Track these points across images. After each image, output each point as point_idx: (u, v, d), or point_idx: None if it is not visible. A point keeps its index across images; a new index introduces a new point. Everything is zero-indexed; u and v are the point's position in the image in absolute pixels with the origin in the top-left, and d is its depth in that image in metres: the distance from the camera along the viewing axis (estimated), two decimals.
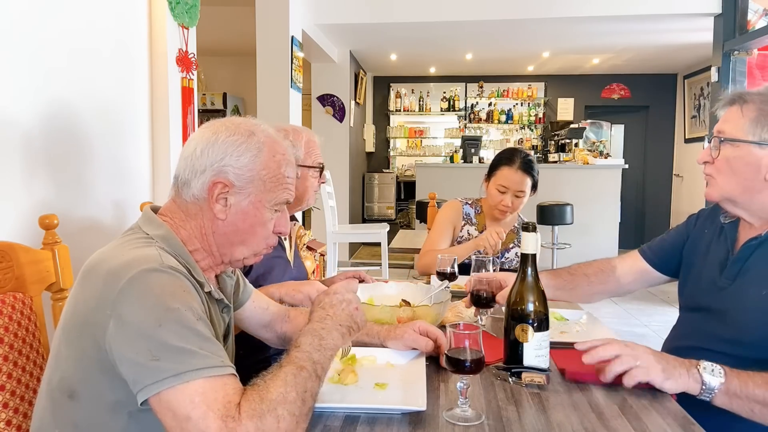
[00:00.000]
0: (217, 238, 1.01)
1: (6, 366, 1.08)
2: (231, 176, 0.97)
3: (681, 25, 5.39)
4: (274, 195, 1.02)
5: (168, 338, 0.80)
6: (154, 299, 0.83)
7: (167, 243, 0.96)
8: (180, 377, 0.79)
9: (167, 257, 0.91)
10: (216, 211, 0.98)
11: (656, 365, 1.08)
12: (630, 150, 7.86)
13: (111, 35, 2.11)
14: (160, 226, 0.99)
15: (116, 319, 0.82)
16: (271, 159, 1.01)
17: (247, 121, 1.04)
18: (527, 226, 1.18)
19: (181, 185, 1.00)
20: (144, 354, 0.80)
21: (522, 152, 2.25)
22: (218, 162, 0.97)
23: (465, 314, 1.56)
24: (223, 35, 6.36)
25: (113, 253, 0.91)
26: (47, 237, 1.30)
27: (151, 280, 0.85)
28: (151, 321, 0.81)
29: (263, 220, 1.02)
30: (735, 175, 1.24)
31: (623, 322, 4.49)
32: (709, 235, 1.41)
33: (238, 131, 1.00)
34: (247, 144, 0.99)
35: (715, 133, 1.28)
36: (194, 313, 0.85)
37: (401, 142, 8.91)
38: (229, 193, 0.98)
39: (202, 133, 1.01)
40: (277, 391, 0.82)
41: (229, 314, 1.11)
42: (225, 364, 0.83)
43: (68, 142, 1.88)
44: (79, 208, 1.94)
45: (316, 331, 0.96)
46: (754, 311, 1.23)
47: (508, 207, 2.19)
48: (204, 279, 0.99)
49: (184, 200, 1.00)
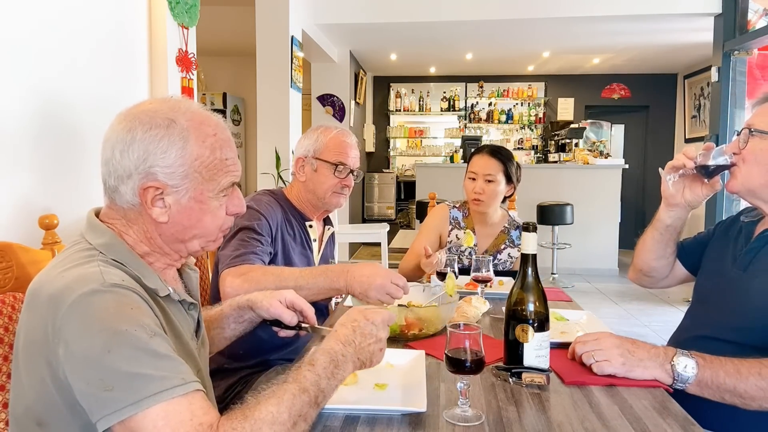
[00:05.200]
0: (165, 239, 0.93)
1: (6, 366, 1.08)
2: (161, 177, 0.88)
3: (681, 25, 5.39)
4: (216, 182, 0.93)
5: (119, 364, 0.74)
6: (99, 324, 0.76)
7: (112, 251, 0.89)
8: (137, 405, 0.74)
9: (110, 273, 0.83)
10: (155, 216, 0.90)
11: (618, 359, 1.15)
12: (630, 150, 7.86)
13: (111, 35, 2.11)
14: (103, 233, 0.91)
15: (63, 346, 0.76)
16: (202, 145, 0.90)
17: (164, 104, 0.91)
18: (527, 226, 1.18)
19: (111, 192, 0.91)
20: (96, 384, 0.74)
21: (492, 144, 2.36)
22: (142, 164, 0.87)
23: (470, 314, 1.56)
24: (223, 35, 6.35)
25: (53, 274, 0.84)
26: (47, 237, 1.30)
27: (94, 303, 0.78)
28: (98, 348, 0.75)
29: (210, 210, 0.93)
30: (759, 166, 1.26)
31: (623, 322, 4.49)
32: (729, 237, 1.45)
33: (155, 122, 0.88)
34: (169, 137, 0.88)
35: (745, 125, 1.30)
36: (146, 330, 0.78)
37: (401, 142, 8.91)
38: (164, 194, 0.89)
39: (116, 131, 0.90)
40: (267, 410, 0.78)
41: (196, 310, 1.02)
42: (186, 381, 0.78)
43: (68, 142, 1.88)
44: (79, 208, 1.93)
45: (336, 354, 0.90)
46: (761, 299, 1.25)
47: (478, 193, 2.20)
48: (160, 283, 0.91)
49: (120, 207, 0.92)
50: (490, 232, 2.31)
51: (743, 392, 1.10)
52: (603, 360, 1.16)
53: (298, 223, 1.75)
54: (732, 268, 1.35)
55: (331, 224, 1.93)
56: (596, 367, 1.17)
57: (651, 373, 1.14)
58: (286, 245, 1.66)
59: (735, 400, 1.11)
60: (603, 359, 1.17)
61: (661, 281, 1.61)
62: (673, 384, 1.13)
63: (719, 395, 1.12)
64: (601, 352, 1.18)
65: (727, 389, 1.11)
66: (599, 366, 1.16)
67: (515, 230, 2.30)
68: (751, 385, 1.09)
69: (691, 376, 1.12)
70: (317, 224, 1.83)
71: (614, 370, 1.15)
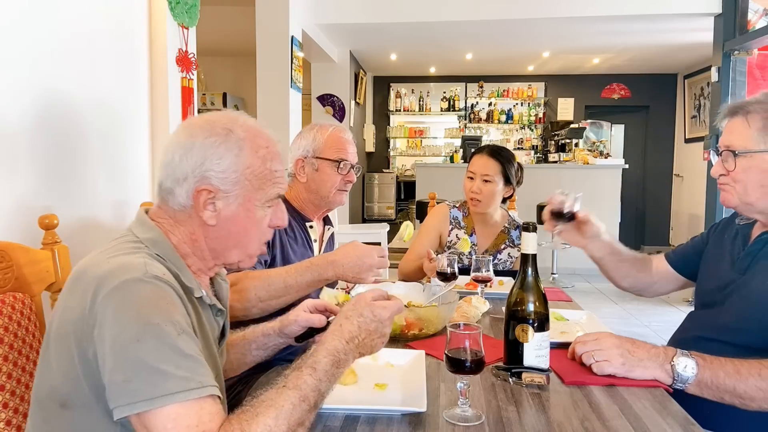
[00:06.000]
0: (209, 243, 0.98)
1: (6, 366, 1.08)
2: (215, 181, 0.94)
3: (681, 25, 5.39)
4: (264, 192, 0.98)
5: (145, 355, 0.77)
6: (134, 312, 0.79)
7: (157, 247, 0.93)
8: (153, 402, 0.75)
9: (153, 265, 0.87)
10: (205, 218, 0.95)
11: (617, 359, 1.16)
12: (630, 150, 7.86)
13: (111, 35, 2.11)
14: (151, 229, 0.95)
15: (98, 328, 0.79)
16: (254, 155, 0.96)
17: (224, 116, 0.98)
18: (527, 226, 1.18)
19: (165, 194, 0.97)
20: (118, 372, 0.77)
21: (493, 144, 2.35)
22: (199, 168, 0.93)
23: (471, 314, 1.56)
24: (223, 35, 6.35)
25: (99, 259, 0.88)
26: (47, 237, 1.30)
27: (133, 291, 0.81)
28: (129, 335, 0.78)
29: (256, 220, 0.99)
30: (752, 183, 1.28)
31: (623, 322, 4.49)
32: (726, 240, 1.46)
33: (215, 131, 0.95)
34: (226, 144, 0.94)
35: (723, 146, 1.32)
36: (176, 327, 0.81)
37: (401, 142, 8.91)
38: (215, 198, 0.95)
39: (178, 137, 0.96)
40: (265, 423, 0.78)
41: (223, 317, 1.07)
42: (204, 385, 0.79)
43: (68, 142, 1.88)
44: (79, 208, 1.93)
45: (338, 354, 0.90)
46: (760, 300, 1.25)
47: (475, 193, 2.20)
48: (195, 284, 0.96)
49: (171, 208, 0.97)
50: (490, 231, 2.30)
51: (743, 393, 1.10)
52: (603, 360, 1.17)
53: (298, 224, 1.75)
54: (731, 271, 1.36)
55: (331, 224, 1.93)
56: (596, 367, 1.17)
57: (651, 373, 1.15)
58: (285, 248, 1.65)
59: (734, 400, 1.11)
60: (603, 359, 1.17)
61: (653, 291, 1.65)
62: (672, 384, 1.14)
63: (719, 395, 1.12)
64: (601, 352, 1.18)
65: (726, 390, 1.11)
66: (599, 366, 1.17)
67: (515, 230, 2.30)
68: (751, 386, 1.09)
69: (690, 377, 1.12)
70: (317, 224, 1.83)
71: (614, 370, 1.15)
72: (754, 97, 1.31)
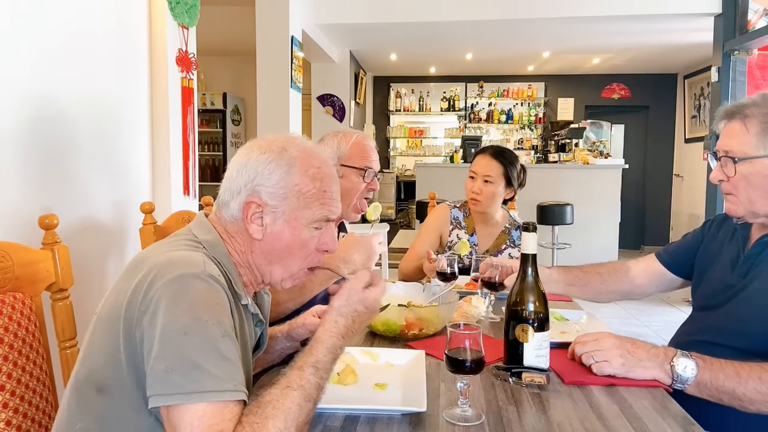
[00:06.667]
0: (255, 257, 1.01)
1: (6, 366, 1.08)
2: (264, 195, 0.97)
3: (681, 25, 5.39)
4: (311, 211, 0.99)
5: (189, 349, 0.80)
6: (186, 306, 0.82)
7: (214, 250, 0.97)
8: (187, 396, 0.78)
9: (210, 265, 0.90)
10: (252, 231, 0.98)
11: (617, 359, 1.16)
12: (630, 150, 7.86)
13: (111, 35, 2.11)
14: (210, 232, 0.99)
15: (150, 315, 0.82)
16: (305, 174, 0.98)
17: (283, 137, 1.02)
18: (527, 226, 1.18)
19: (222, 206, 1.01)
20: (161, 360, 0.79)
21: (497, 145, 2.35)
22: (251, 182, 0.97)
23: (471, 314, 1.56)
24: (223, 35, 6.35)
25: (161, 249, 0.92)
26: (47, 237, 1.30)
27: (189, 285, 0.84)
28: (178, 326, 0.80)
29: (301, 239, 0.99)
30: (754, 189, 1.27)
31: (623, 322, 4.49)
32: (722, 238, 1.45)
33: (270, 149, 0.98)
34: (277, 161, 0.97)
35: (722, 151, 1.31)
36: (221, 328, 0.83)
37: (401, 142, 8.91)
38: (263, 212, 0.97)
39: (239, 154, 1.01)
40: (276, 427, 0.80)
41: (262, 328, 1.09)
42: (236, 389, 0.81)
43: (68, 142, 1.88)
44: (79, 208, 1.93)
45: (337, 350, 0.93)
46: (761, 305, 1.25)
47: (475, 193, 2.21)
48: (243, 292, 0.99)
49: (225, 219, 1.00)
50: (491, 232, 2.30)
51: (742, 395, 1.10)
52: (602, 360, 1.17)
53: None
54: (731, 274, 1.35)
55: (344, 230, 1.94)
56: (596, 368, 1.17)
57: (650, 373, 1.14)
58: None
59: (734, 402, 1.11)
60: (602, 359, 1.17)
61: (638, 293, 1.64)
62: (672, 384, 1.14)
63: (718, 397, 1.12)
64: (601, 353, 1.18)
65: (726, 392, 1.11)
66: (599, 366, 1.17)
67: (516, 230, 2.30)
68: (751, 389, 1.09)
69: (690, 377, 1.12)
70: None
71: (614, 371, 1.15)
72: (751, 98, 1.29)
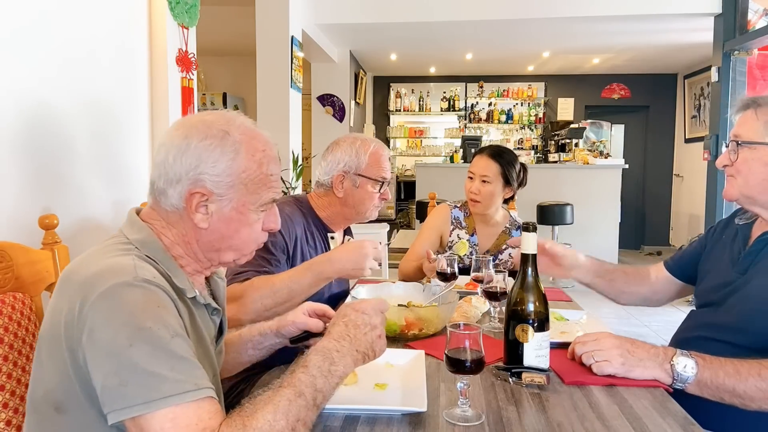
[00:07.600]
0: (201, 245, 0.97)
1: (6, 366, 1.08)
2: (209, 184, 0.92)
3: (681, 25, 5.39)
4: (258, 196, 0.96)
5: (138, 359, 0.76)
6: (125, 317, 0.78)
7: (147, 248, 0.92)
8: (148, 405, 0.75)
9: (143, 268, 0.86)
10: (197, 221, 0.93)
11: (617, 359, 1.16)
12: (630, 150, 7.86)
13: (111, 35, 2.11)
14: (141, 230, 0.94)
15: (87, 333, 0.78)
16: (251, 159, 0.94)
17: (220, 117, 0.96)
18: (527, 226, 1.18)
19: (157, 194, 0.95)
20: (112, 376, 0.76)
21: (496, 146, 2.36)
22: (193, 170, 0.91)
23: (471, 314, 1.56)
24: (223, 35, 6.35)
25: (88, 260, 0.87)
26: (47, 237, 1.30)
27: (123, 296, 0.80)
28: (121, 340, 0.77)
29: (249, 223, 0.97)
30: (754, 175, 1.29)
31: (623, 322, 4.49)
32: (725, 240, 1.46)
33: (211, 133, 0.92)
34: (222, 147, 0.92)
35: (732, 137, 1.34)
36: (169, 330, 0.80)
37: (401, 142, 8.90)
38: (208, 201, 0.93)
39: (173, 137, 0.94)
40: (264, 418, 0.78)
41: (219, 316, 1.05)
42: (199, 387, 0.79)
43: (68, 142, 1.88)
44: (79, 208, 1.93)
45: (329, 352, 0.91)
46: (760, 301, 1.26)
47: (474, 193, 2.21)
48: (188, 284, 0.94)
49: (164, 209, 0.95)
50: (491, 232, 2.30)
51: (742, 393, 1.10)
52: (603, 360, 1.17)
53: (320, 234, 1.76)
54: (732, 271, 1.36)
55: (351, 234, 1.93)
56: (596, 368, 1.17)
57: (650, 372, 1.15)
58: (305, 258, 1.65)
59: (734, 400, 1.12)
60: (602, 359, 1.17)
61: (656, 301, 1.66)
62: (672, 384, 1.14)
63: (718, 395, 1.12)
64: (601, 353, 1.18)
65: (726, 390, 1.11)
66: (599, 366, 1.17)
67: (516, 230, 2.30)
68: (751, 386, 1.09)
69: (690, 376, 1.13)
70: (339, 235, 1.83)
71: (614, 371, 1.15)
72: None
